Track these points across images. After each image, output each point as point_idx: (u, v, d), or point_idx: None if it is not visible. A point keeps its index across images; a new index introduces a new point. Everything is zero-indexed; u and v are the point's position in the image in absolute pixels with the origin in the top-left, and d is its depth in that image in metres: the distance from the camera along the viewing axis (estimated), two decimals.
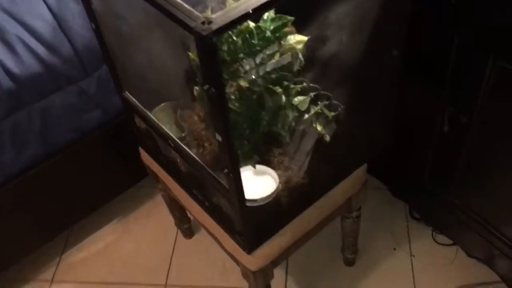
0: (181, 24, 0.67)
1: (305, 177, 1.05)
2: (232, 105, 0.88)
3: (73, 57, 1.25)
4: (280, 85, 0.88)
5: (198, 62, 0.69)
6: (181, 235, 1.58)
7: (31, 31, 1.22)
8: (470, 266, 1.40)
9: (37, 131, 1.27)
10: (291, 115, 0.92)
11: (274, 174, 1.05)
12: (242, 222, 0.95)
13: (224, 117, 0.75)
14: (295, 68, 0.89)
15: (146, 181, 1.54)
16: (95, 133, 1.37)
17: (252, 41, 0.81)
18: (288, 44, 0.87)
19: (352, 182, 1.13)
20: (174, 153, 1.08)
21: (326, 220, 1.16)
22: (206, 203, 1.08)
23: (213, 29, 0.64)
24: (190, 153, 0.98)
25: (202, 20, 0.65)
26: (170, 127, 1.13)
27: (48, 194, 1.39)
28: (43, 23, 1.23)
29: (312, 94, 0.95)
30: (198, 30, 0.64)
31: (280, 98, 0.88)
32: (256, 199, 1.01)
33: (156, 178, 1.30)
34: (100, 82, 1.31)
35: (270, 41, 0.83)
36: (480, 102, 1.03)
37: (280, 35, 0.84)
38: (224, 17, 0.65)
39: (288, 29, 0.96)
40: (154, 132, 1.10)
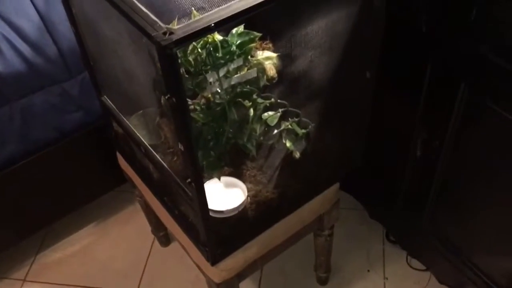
0: (144, 33, 0.68)
1: (274, 192, 1.05)
2: (197, 116, 0.89)
3: (58, 58, 1.26)
4: (249, 99, 0.88)
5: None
6: (158, 243, 1.59)
7: (17, 31, 1.24)
8: None
9: (17, 129, 1.28)
10: (259, 130, 0.92)
11: (244, 187, 1.05)
12: (205, 233, 0.95)
13: (186, 127, 0.76)
14: (262, 84, 0.90)
15: (128, 186, 1.52)
16: (76, 134, 1.38)
17: (217, 54, 0.82)
18: (256, 60, 0.88)
19: (322, 201, 1.13)
20: (147, 160, 1.08)
21: (296, 237, 1.16)
22: (176, 211, 1.08)
23: (173, 40, 0.65)
24: (160, 160, 0.99)
25: (164, 31, 0.66)
26: (148, 134, 1.14)
27: (26, 192, 1.40)
28: (29, 23, 1.25)
29: (281, 110, 0.96)
30: (159, 40, 0.65)
31: (248, 112, 0.89)
32: (223, 211, 1.02)
33: (132, 184, 1.31)
34: (84, 85, 1.32)
35: (235, 55, 0.85)
36: (452, 128, 1.03)
37: (246, 50, 0.85)
38: (186, 29, 0.67)
39: (265, 45, 0.98)
40: (129, 137, 1.11)
